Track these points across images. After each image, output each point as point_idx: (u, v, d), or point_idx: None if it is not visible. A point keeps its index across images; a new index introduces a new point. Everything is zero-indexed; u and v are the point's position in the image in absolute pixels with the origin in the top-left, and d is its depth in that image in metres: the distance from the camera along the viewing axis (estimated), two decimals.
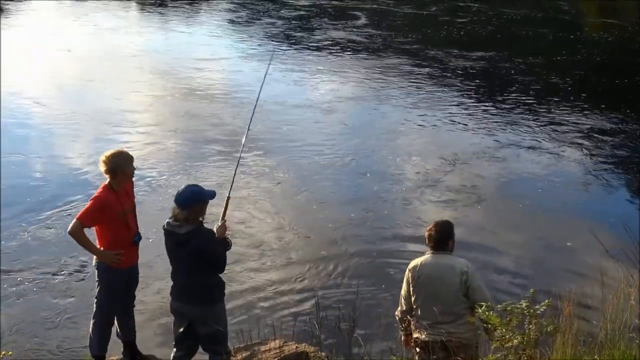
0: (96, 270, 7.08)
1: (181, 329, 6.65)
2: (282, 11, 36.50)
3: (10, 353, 7.55)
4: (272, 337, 7.47)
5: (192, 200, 6.32)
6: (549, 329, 4.97)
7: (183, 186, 6.51)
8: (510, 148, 15.87)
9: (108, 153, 6.95)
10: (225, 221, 6.74)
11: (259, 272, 10.05)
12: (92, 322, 7.22)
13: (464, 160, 14.88)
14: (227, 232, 6.72)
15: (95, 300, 7.18)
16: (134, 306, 7.52)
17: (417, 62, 25.31)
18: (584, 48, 29.42)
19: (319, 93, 20.61)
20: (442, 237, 6.49)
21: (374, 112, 18.69)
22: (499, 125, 17.66)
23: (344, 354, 7.29)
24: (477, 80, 23.18)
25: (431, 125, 17.53)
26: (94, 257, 7.04)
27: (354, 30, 31.71)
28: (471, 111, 19.03)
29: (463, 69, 24.45)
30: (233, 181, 7.23)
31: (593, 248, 9.37)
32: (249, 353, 7.22)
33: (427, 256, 6.50)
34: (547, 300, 5.15)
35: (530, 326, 4.94)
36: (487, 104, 19.94)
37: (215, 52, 26.15)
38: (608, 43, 31.19)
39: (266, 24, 32.99)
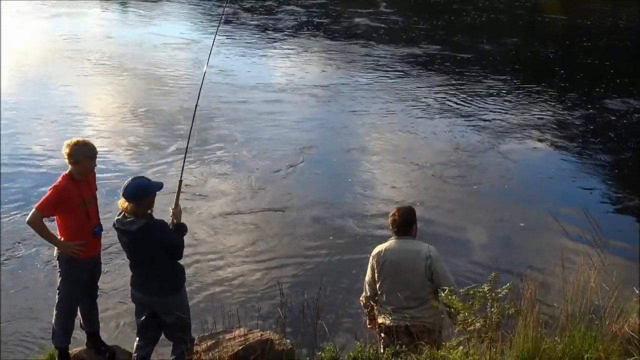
0: (57, 261, 7.01)
1: (143, 318, 6.62)
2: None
3: None
4: (237, 325, 7.44)
5: (141, 192, 6.25)
6: (510, 312, 5.01)
7: (129, 179, 6.41)
8: None
9: (74, 140, 6.86)
10: (179, 205, 6.71)
11: (221, 260, 10.03)
12: (54, 313, 7.15)
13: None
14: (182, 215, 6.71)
15: (58, 291, 7.10)
16: (97, 296, 7.46)
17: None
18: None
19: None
20: (406, 223, 6.52)
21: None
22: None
23: (309, 340, 7.29)
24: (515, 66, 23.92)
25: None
26: (55, 247, 6.97)
27: (379, 17, 32.13)
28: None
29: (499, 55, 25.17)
30: (184, 164, 7.22)
31: (554, 231, 9.52)
32: (213, 342, 7.18)
33: (391, 242, 6.52)
34: (508, 284, 5.20)
35: (492, 309, 4.97)
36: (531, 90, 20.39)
37: None
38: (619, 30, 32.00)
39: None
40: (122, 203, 6.26)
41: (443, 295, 5.31)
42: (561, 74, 23.20)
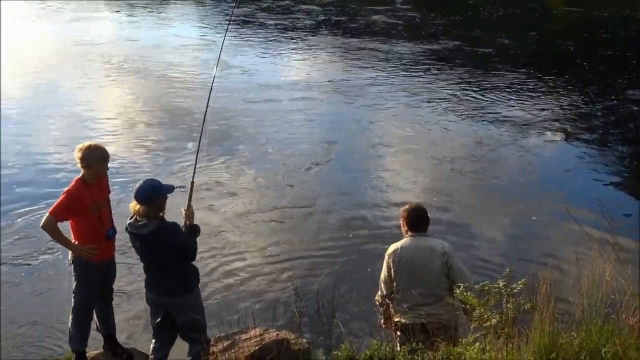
0: (72, 265, 7.04)
1: (158, 320, 6.64)
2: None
3: None
4: (253, 325, 7.45)
5: (153, 194, 6.26)
6: (526, 307, 4.99)
7: (141, 181, 6.44)
8: None
9: (86, 144, 6.88)
10: (192, 207, 6.73)
11: (236, 261, 10.03)
12: (70, 316, 7.18)
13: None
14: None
15: (73, 295, 7.13)
16: (113, 299, 7.49)
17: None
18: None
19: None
20: (420, 219, 6.52)
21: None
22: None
23: (325, 339, 7.30)
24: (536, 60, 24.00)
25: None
26: (70, 251, 6.99)
27: (396, 14, 32.26)
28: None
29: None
30: (195, 167, 7.22)
31: (569, 224, 9.48)
32: (229, 342, 7.19)
33: (406, 239, 6.51)
34: (523, 279, 5.18)
35: (508, 305, 4.96)
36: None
37: None
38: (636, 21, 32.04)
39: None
40: (133, 206, 6.28)
41: (458, 291, 5.30)
42: (583, 66, 23.20)
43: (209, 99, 7.68)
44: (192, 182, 6.95)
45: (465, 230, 10.95)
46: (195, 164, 7.25)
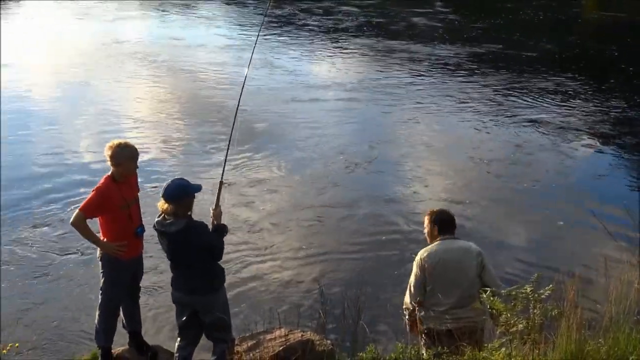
0: (100, 262, 7.10)
1: (184, 318, 6.68)
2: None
3: (16, 345, 7.55)
4: (278, 325, 7.47)
5: (181, 193, 6.29)
6: (553, 314, 4.97)
7: (169, 180, 6.49)
8: None
9: (116, 142, 6.93)
10: (220, 207, 6.74)
11: (262, 261, 10.06)
12: (97, 313, 7.24)
13: None
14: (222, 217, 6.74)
15: (100, 291, 7.19)
16: (140, 297, 7.53)
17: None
18: None
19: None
20: (448, 222, 6.52)
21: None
22: None
23: (350, 340, 7.29)
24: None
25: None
26: (98, 248, 7.05)
27: (436, 17, 32.70)
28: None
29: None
30: (225, 166, 7.21)
31: (598, 230, 9.40)
32: (254, 342, 7.22)
33: (437, 243, 6.47)
34: (551, 285, 5.15)
35: (535, 311, 4.93)
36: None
37: None
38: None
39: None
40: (161, 204, 6.31)
41: (485, 296, 5.28)
42: (628, 70, 23.02)
43: (240, 98, 7.70)
44: (221, 182, 6.96)
45: (493, 234, 10.89)
46: (225, 164, 7.24)
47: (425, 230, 6.70)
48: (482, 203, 12.16)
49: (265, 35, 27.37)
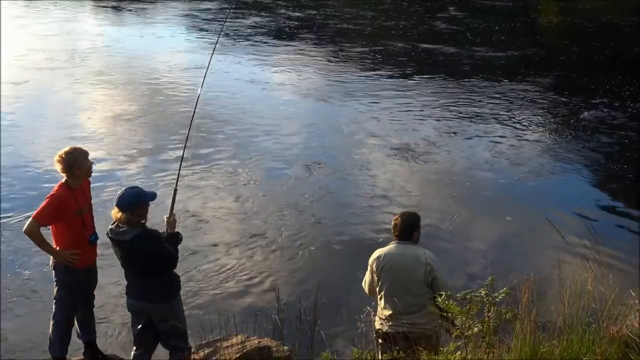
0: (53, 270, 7.01)
1: (139, 327, 6.62)
2: None
3: None
4: (234, 332, 7.43)
5: (134, 201, 6.26)
6: (508, 316, 5.02)
7: (123, 189, 6.45)
8: None
9: (62, 151, 6.86)
10: (174, 214, 6.71)
11: (217, 267, 9.99)
12: (51, 322, 7.15)
13: None
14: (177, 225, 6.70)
15: (54, 300, 7.11)
16: (94, 306, 7.45)
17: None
18: None
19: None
20: (408, 228, 6.49)
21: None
22: None
23: (307, 347, 7.29)
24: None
25: None
26: (51, 257, 6.96)
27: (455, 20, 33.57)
28: None
29: None
30: (179, 174, 7.18)
31: (551, 234, 9.53)
32: (211, 349, 7.18)
33: (391, 246, 6.50)
34: (505, 288, 5.20)
35: (490, 314, 4.97)
36: None
37: None
38: None
39: None
40: (115, 213, 6.27)
41: (440, 299, 5.30)
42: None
43: (194, 110, 7.69)
44: (175, 190, 6.93)
45: (449, 236, 10.97)
46: (179, 172, 7.21)
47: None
48: (438, 205, 12.22)
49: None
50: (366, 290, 6.63)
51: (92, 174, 7.18)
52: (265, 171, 13.77)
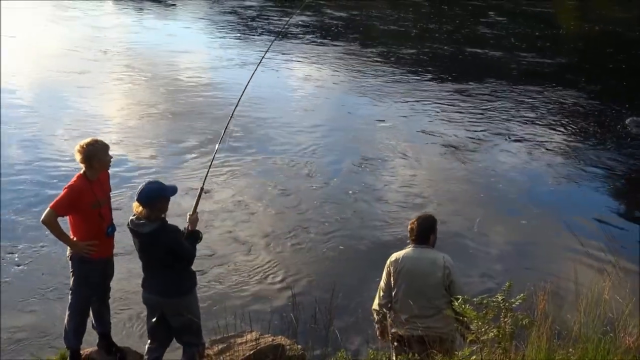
0: (70, 261, 7.03)
1: (153, 320, 6.63)
2: None
3: None
4: (248, 329, 7.44)
5: (153, 196, 6.25)
6: (524, 323, 4.99)
7: (143, 183, 6.44)
8: None
9: (83, 142, 6.88)
10: (197, 213, 6.69)
11: (234, 264, 10.02)
12: (67, 313, 7.17)
13: None
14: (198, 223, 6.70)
15: (70, 291, 7.13)
16: (110, 297, 7.47)
17: None
18: None
19: None
20: (424, 231, 6.49)
21: None
22: None
23: (320, 346, 7.28)
24: None
25: None
26: (68, 247, 6.99)
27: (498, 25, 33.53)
28: None
29: None
30: (208, 173, 7.14)
31: (568, 242, 9.48)
32: (224, 345, 7.19)
33: (408, 249, 6.49)
34: (522, 294, 5.18)
35: (506, 319, 4.95)
36: None
37: None
38: None
39: None
40: (136, 207, 6.28)
41: (456, 304, 5.28)
42: None
43: (236, 106, 7.70)
44: (202, 189, 6.90)
45: (465, 241, 10.93)
46: (208, 171, 7.18)
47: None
48: (454, 207, 12.21)
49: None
50: (380, 294, 6.58)
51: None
52: (286, 171, 13.80)
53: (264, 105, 17.92)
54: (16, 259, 9.87)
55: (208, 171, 7.16)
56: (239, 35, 29.29)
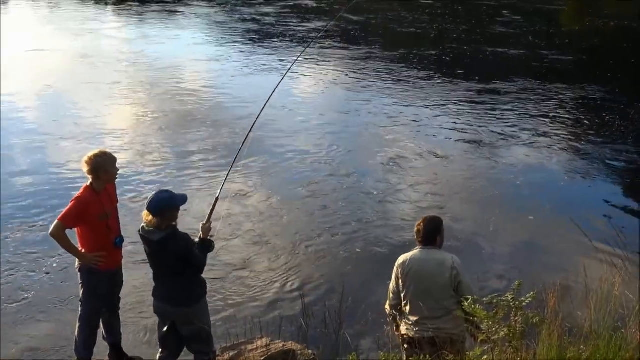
0: (79, 273, 7.04)
1: (164, 329, 6.64)
2: None
3: None
4: (259, 335, 7.44)
5: (163, 206, 6.26)
6: (534, 321, 4.98)
7: (153, 192, 6.46)
8: None
9: (91, 153, 6.90)
10: (210, 222, 6.70)
11: (244, 271, 10.00)
12: (77, 324, 7.19)
13: None
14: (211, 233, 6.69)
15: (80, 303, 7.14)
16: (119, 308, 7.49)
17: None
18: None
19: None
20: (430, 232, 6.47)
21: None
22: None
23: (331, 350, 7.28)
24: None
25: None
26: (77, 259, 7.00)
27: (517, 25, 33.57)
28: None
29: None
30: (224, 183, 7.13)
31: (578, 239, 9.44)
32: (235, 352, 7.20)
33: (415, 251, 6.48)
34: (532, 292, 5.16)
35: (516, 318, 4.94)
36: None
37: None
38: None
39: None
40: (146, 216, 6.30)
41: (466, 304, 5.27)
42: None
43: (257, 118, 7.74)
44: (217, 198, 6.90)
45: (474, 239, 10.93)
46: (224, 181, 7.16)
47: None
48: (463, 207, 12.19)
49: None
50: (391, 295, 6.59)
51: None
52: (294, 178, 13.82)
53: (294, 109, 18.18)
54: (43, 269, 9.88)
55: (224, 181, 7.15)
56: (260, 41, 29.46)
